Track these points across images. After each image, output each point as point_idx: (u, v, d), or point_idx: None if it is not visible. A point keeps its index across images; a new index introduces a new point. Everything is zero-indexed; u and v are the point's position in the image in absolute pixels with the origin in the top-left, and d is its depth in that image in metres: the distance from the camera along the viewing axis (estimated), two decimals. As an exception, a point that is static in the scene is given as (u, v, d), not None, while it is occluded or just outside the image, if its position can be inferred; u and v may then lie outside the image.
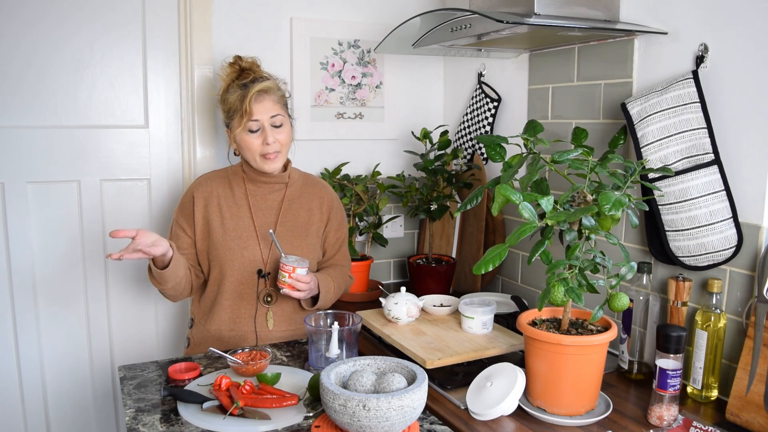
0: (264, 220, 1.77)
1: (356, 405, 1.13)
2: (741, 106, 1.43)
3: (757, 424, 1.31)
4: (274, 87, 1.73)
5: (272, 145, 1.70)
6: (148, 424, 1.28)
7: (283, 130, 1.73)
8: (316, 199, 1.85)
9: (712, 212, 1.44)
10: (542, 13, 1.56)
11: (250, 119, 1.68)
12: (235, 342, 1.76)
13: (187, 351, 1.83)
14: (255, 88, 1.67)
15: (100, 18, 2.01)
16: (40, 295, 2.04)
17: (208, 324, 1.76)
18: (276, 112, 1.71)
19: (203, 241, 1.76)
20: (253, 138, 1.70)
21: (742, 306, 1.45)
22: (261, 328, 1.76)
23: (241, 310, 1.75)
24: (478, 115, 2.30)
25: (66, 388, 2.12)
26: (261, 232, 1.76)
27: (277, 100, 1.72)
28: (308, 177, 1.89)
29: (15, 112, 1.95)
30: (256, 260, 1.74)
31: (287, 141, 1.75)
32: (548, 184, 1.39)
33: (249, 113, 1.67)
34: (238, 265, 1.73)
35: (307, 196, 1.84)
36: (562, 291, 1.26)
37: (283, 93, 1.77)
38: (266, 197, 1.80)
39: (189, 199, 1.78)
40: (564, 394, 1.34)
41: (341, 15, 2.34)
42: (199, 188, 1.78)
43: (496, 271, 2.28)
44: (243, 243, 1.74)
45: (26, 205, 1.99)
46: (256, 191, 1.79)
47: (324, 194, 1.87)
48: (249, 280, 1.74)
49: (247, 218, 1.76)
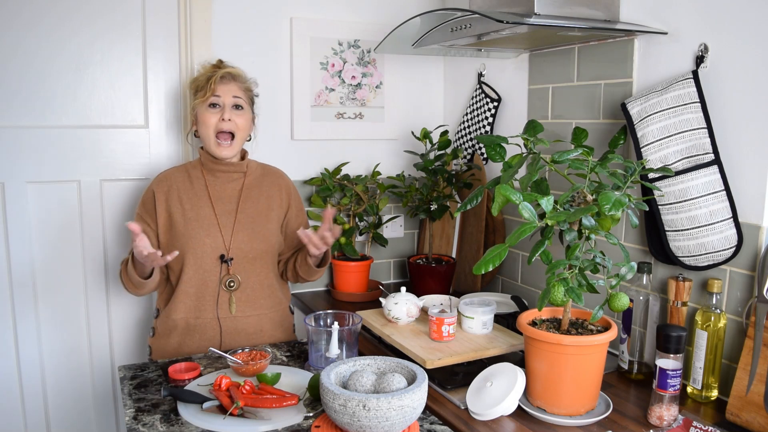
0: (224, 208, 1.81)
1: (356, 405, 1.13)
2: (741, 106, 1.43)
3: (757, 424, 1.31)
4: (242, 75, 1.82)
5: (227, 123, 1.75)
6: (148, 424, 1.28)
7: (242, 115, 1.79)
8: (274, 187, 1.89)
9: (712, 212, 1.44)
10: (542, 13, 1.56)
11: (213, 94, 1.75)
12: (202, 330, 1.77)
13: (152, 340, 1.84)
14: (223, 70, 1.78)
15: (101, 18, 2.01)
16: (40, 295, 2.04)
17: (174, 313, 1.77)
18: (239, 95, 1.79)
19: (166, 233, 1.79)
20: (211, 114, 1.76)
21: (742, 306, 1.45)
22: (224, 314, 1.78)
23: (205, 297, 1.77)
24: (478, 115, 2.30)
25: (66, 388, 2.12)
26: (222, 219, 1.79)
27: (242, 88, 1.80)
28: (266, 167, 1.94)
29: (15, 112, 1.96)
30: (218, 247, 1.77)
31: (244, 127, 1.80)
32: (548, 184, 1.39)
33: (212, 89, 1.74)
34: (200, 253, 1.75)
35: (266, 184, 1.88)
36: (562, 291, 1.26)
37: (249, 86, 1.84)
38: (225, 186, 1.83)
39: (150, 195, 1.81)
40: (564, 394, 1.34)
41: (341, 15, 2.34)
42: (159, 184, 1.82)
43: (496, 271, 2.28)
44: (205, 231, 1.77)
45: (26, 205, 1.99)
46: (215, 181, 1.83)
47: (282, 182, 1.92)
48: (212, 267, 1.77)
49: (208, 207, 1.80)
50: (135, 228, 1.55)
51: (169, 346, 1.79)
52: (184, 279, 1.76)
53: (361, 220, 2.36)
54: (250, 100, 1.84)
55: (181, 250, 1.75)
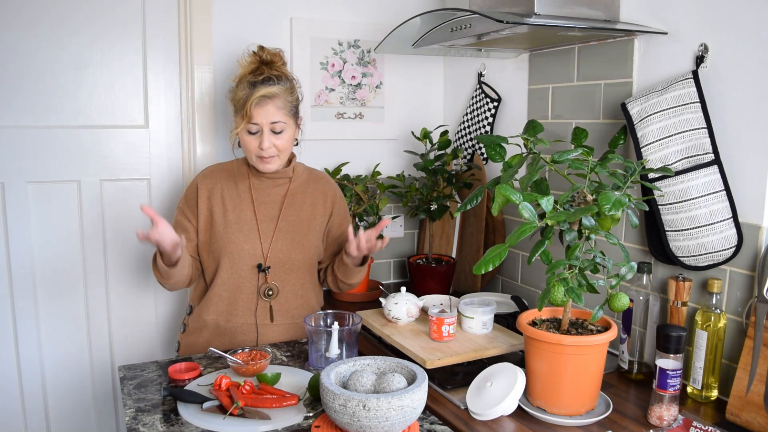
0: (267, 213, 1.78)
1: (356, 405, 1.13)
2: (741, 106, 1.43)
3: (757, 424, 1.31)
4: (280, 93, 1.68)
5: (267, 150, 1.69)
6: (148, 424, 1.28)
7: (283, 136, 1.71)
8: (319, 194, 1.85)
9: (712, 212, 1.44)
10: (542, 13, 1.56)
11: (250, 122, 1.67)
12: (232, 333, 1.76)
13: (182, 336, 1.83)
14: (259, 93, 1.65)
15: (101, 18, 2.01)
16: (40, 295, 2.04)
17: (205, 314, 1.77)
18: (277, 118, 1.68)
19: (205, 232, 1.77)
20: (251, 139, 1.70)
21: (742, 306, 1.45)
22: (263, 321, 1.77)
23: (239, 302, 1.76)
24: (478, 115, 2.30)
25: (66, 388, 2.12)
26: (263, 225, 1.76)
27: (281, 105, 1.68)
28: (313, 172, 1.90)
29: (15, 112, 1.96)
30: (256, 254, 1.75)
31: (286, 146, 1.73)
32: (548, 184, 1.39)
33: (249, 116, 1.66)
34: (237, 258, 1.73)
35: (310, 191, 1.84)
36: (562, 291, 1.26)
37: (291, 98, 1.72)
38: (269, 191, 1.80)
39: (193, 190, 1.79)
40: (564, 394, 1.34)
41: (341, 15, 2.34)
42: (204, 180, 1.79)
43: (496, 271, 2.28)
44: (244, 236, 1.74)
45: (26, 205, 1.99)
46: (260, 185, 1.80)
47: (327, 189, 1.87)
48: (248, 273, 1.75)
49: (250, 211, 1.77)
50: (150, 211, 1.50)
51: (197, 344, 1.78)
52: (218, 282, 1.74)
53: (361, 220, 2.36)
54: (292, 111, 1.73)
55: (217, 253, 1.73)
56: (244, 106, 1.66)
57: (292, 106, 1.73)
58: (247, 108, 1.65)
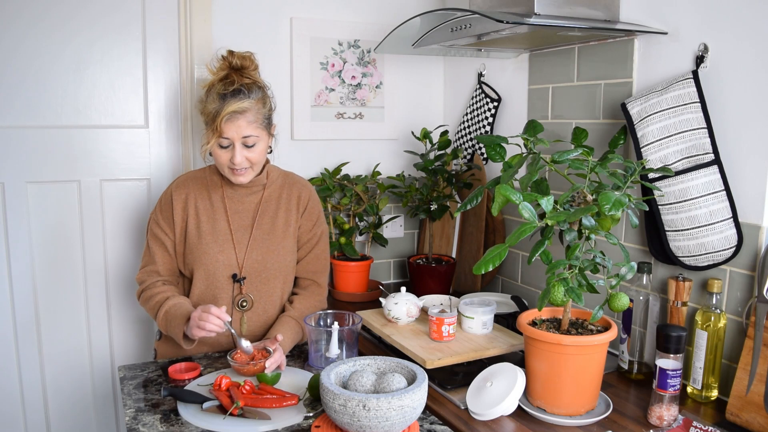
0: (241, 223, 1.74)
1: (356, 405, 1.13)
2: (741, 106, 1.43)
3: (757, 424, 1.31)
4: (251, 107, 1.61)
5: (239, 164, 1.64)
6: (148, 424, 1.28)
7: (255, 149, 1.65)
8: (294, 199, 1.80)
9: (712, 212, 1.44)
10: (542, 13, 1.56)
11: (221, 136, 1.60)
12: (210, 344, 1.72)
13: (158, 344, 1.80)
14: (229, 108, 1.58)
15: (101, 19, 2.01)
16: (40, 295, 2.04)
17: None
18: (249, 132, 1.61)
19: (180, 244, 1.73)
20: (222, 152, 1.64)
21: (742, 306, 1.45)
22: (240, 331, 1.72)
23: None
24: (478, 115, 2.30)
25: (66, 388, 2.12)
26: (237, 235, 1.73)
27: (252, 119, 1.62)
28: (288, 176, 1.83)
29: (15, 112, 1.95)
30: (231, 264, 1.70)
31: (258, 159, 1.67)
32: (548, 184, 1.39)
33: (219, 131, 1.60)
34: (212, 269, 1.69)
35: (285, 196, 1.79)
36: (562, 291, 1.26)
37: (263, 110, 1.66)
38: (243, 200, 1.75)
39: (168, 199, 1.74)
40: (564, 394, 1.34)
41: (341, 15, 2.34)
42: (177, 190, 1.74)
43: (496, 271, 2.28)
44: (219, 246, 1.70)
45: (26, 205, 1.99)
46: (233, 194, 1.75)
47: (302, 193, 1.81)
48: (224, 284, 1.70)
49: (224, 221, 1.73)
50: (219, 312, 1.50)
51: (173, 351, 1.75)
52: (195, 293, 1.71)
53: (361, 220, 2.36)
54: (264, 123, 1.66)
55: (192, 264, 1.70)
56: (215, 120, 1.60)
57: (264, 118, 1.66)
58: (218, 123, 1.59)
